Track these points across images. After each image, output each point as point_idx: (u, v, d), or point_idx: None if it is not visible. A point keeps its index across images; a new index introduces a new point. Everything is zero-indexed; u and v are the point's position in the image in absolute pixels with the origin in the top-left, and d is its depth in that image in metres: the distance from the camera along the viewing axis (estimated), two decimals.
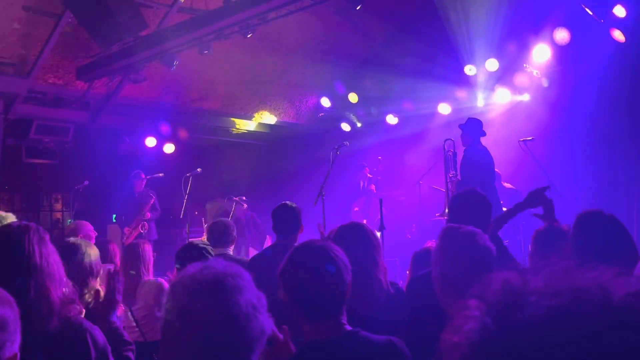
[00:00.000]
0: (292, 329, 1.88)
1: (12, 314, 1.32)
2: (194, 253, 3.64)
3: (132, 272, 4.14)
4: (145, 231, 8.37)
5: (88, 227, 4.97)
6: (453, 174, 6.84)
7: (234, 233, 4.72)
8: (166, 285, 4.24)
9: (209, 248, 3.87)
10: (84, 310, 2.18)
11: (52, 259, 1.94)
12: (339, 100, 9.88)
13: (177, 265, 3.67)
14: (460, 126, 6.63)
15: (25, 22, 6.85)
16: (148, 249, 4.31)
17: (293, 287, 1.81)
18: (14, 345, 1.32)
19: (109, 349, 2.02)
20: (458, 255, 2.03)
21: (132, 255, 4.24)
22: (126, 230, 8.41)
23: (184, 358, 1.27)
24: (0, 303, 1.30)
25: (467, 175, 6.23)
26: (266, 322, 1.31)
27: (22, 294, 1.81)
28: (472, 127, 6.55)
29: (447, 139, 7.09)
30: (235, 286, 1.28)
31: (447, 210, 6.79)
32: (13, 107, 7.53)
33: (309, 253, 1.85)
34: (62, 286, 1.94)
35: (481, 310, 0.64)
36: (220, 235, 4.56)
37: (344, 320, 1.82)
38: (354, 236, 2.63)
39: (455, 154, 6.96)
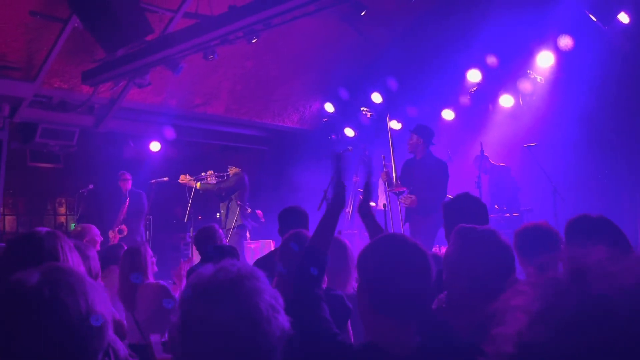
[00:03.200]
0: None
1: None
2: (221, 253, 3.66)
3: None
4: (125, 234, 8.32)
5: (94, 231, 5.01)
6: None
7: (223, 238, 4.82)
8: (167, 287, 4.25)
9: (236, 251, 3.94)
10: None
11: (81, 269, 1.94)
12: (343, 106, 9.92)
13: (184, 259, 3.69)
14: (416, 132, 6.36)
15: (32, 27, 6.90)
16: (149, 252, 4.32)
17: (374, 275, 1.70)
18: None
19: None
20: (481, 254, 2.01)
21: (133, 258, 4.25)
22: (110, 233, 8.40)
23: None
24: None
25: (432, 187, 6.00)
26: (285, 321, 1.28)
27: None
28: (429, 134, 6.35)
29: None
30: (253, 288, 1.25)
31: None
32: (19, 111, 7.57)
33: (396, 243, 1.74)
34: None
35: (544, 282, 0.65)
36: (209, 240, 4.62)
37: (414, 327, 1.68)
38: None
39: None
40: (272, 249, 6.96)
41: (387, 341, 1.65)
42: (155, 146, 9.50)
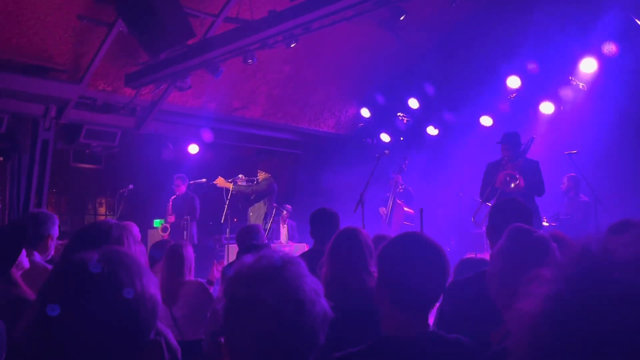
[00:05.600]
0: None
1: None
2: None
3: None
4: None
5: (136, 229, 5.15)
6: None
7: (265, 238, 4.85)
8: (206, 285, 4.33)
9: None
10: None
11: (142, 259, 2.03)
12: (379, 111, 9.91)
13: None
14: (501, 142, 6.53)
15: (79, 30, 7.13)
16: (190, 251, 4.41)
17: (392, 270, 1.80)
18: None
19: (180, 351, 2.03)
20: (525, 258, 1.97)
21: (174, 256, 4.34)
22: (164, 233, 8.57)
23: (253, 348, 1.27)
24: None
25: (524, 191, 6.12)
26: (327, 305, 1.33)
27: None
28: (513, 140, 6.53)
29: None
30: (297, 272, 1.30)
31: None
32: (65, 112, 7.80)
33: (416, 241, 1.85)
34: None
35: (557, 278, 0.63)
36: (250, 238, 4.67)
37: (428, 319, 1.82)
38: (351, 241, 2.88)
39: None
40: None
41: (400, 332, 1.75)
42: (193, 148, 9.67)
